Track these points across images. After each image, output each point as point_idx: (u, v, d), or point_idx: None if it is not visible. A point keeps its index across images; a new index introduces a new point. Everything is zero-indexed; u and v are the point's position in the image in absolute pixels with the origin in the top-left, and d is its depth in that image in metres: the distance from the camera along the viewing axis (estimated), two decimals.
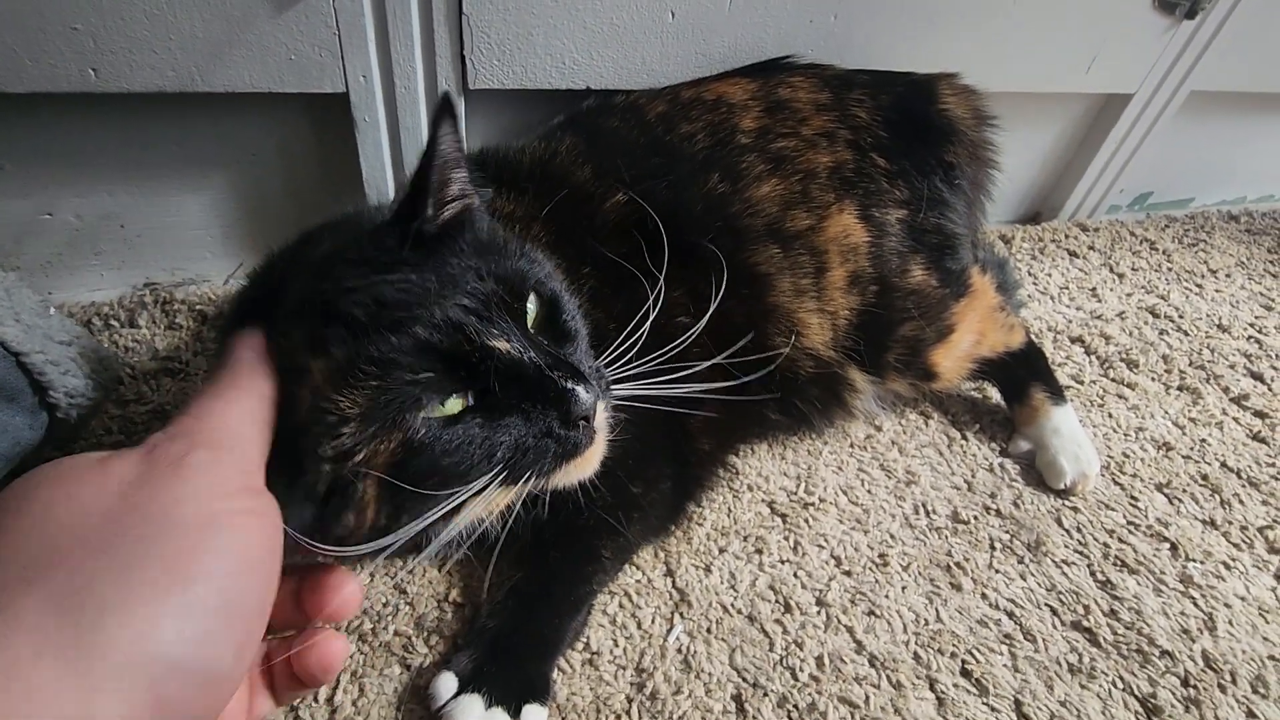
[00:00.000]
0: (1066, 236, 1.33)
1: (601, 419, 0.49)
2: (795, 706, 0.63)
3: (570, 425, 0.46)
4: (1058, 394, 0.89)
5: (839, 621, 0.70)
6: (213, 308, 0.91)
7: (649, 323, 0.58)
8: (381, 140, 0.88)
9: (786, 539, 0.77)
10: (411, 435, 0.42)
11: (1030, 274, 1.22)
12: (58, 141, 0.82)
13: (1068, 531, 0.81)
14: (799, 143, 0.80)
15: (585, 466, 0.50)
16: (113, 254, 0.93)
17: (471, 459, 0.44)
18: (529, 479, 0.46)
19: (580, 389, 0.45)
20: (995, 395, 0.96)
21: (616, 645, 0.66)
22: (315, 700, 0.59)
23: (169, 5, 0.72)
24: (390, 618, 0.65)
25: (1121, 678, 0.68)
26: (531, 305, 0.48)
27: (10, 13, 0.69)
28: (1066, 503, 0.85)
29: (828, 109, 0.83)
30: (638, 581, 0.71)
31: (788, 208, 0.77)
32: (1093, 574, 0.77)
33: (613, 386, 0.53)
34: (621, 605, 0.69)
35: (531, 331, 0.47)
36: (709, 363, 0.65)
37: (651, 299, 0.60)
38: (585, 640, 0.65)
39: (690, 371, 0.59)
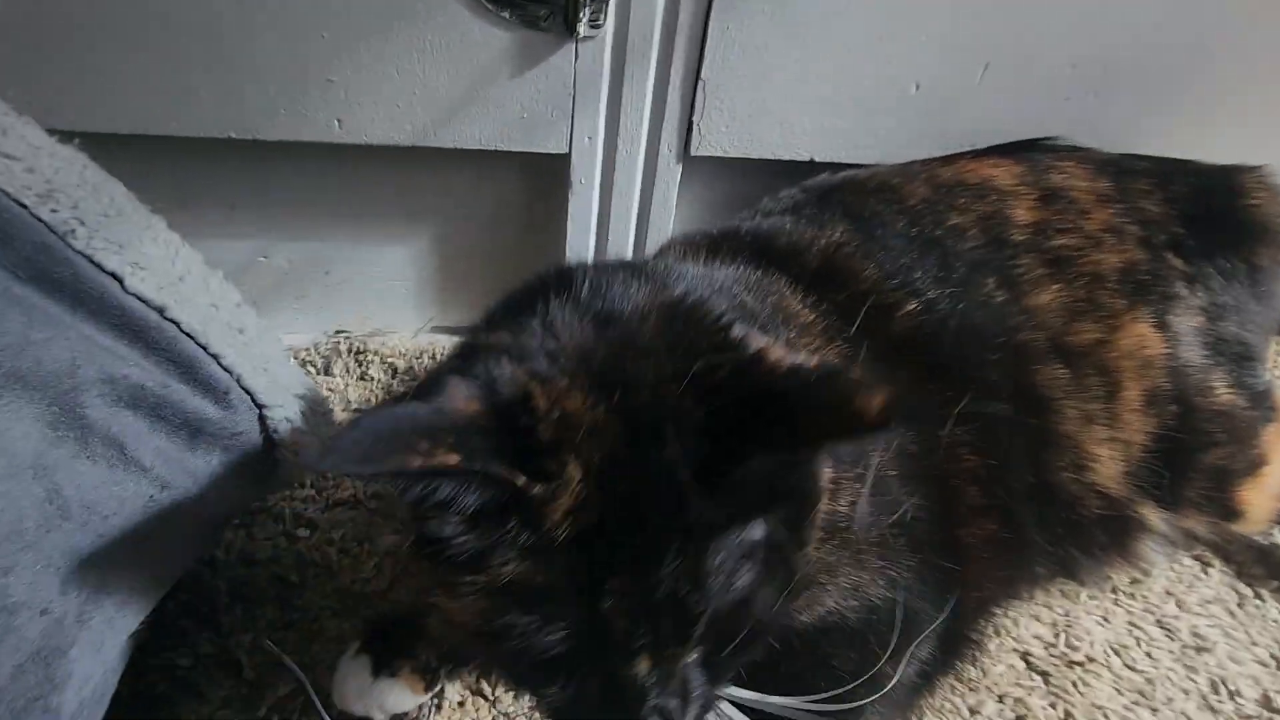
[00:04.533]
0: None
1: None
2: None
3: None
4: None
5: None
6: (403, 361, 0.89)
7: None
8: (592, 203, 0.85)
9: (1053, 707, 0.62)
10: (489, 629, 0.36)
11: None
12: (284, 187, 0.84)
13: None
14: (1082, 240, 0.69)
15: None
16: (313, 299, 0.93)
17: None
18: None
19: None
20: None
21: None
22: None
23: (420, 62, 0.72)
24: None
25: None
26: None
27: (275, 64, 0.70)
28: None
29: (1111, 200, 0.72)
30: None
31: (1072, 318, 0.66)
32: None
33: None
34: None
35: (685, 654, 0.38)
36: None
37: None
38: None
39: None
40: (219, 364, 0.44)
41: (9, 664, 0.33)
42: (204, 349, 0.43)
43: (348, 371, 0.87)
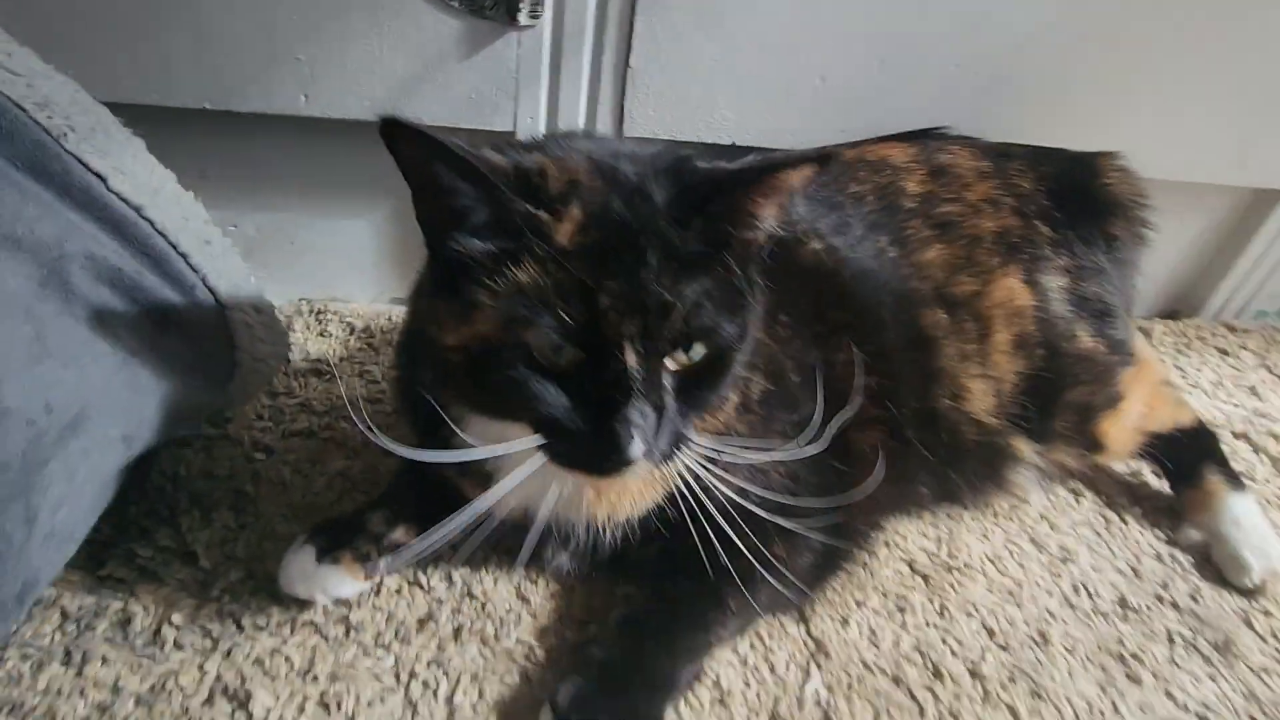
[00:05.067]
0: (1213, 334, 1.25)
1: (639, 469, 0.48)
2: None
3: (607, 454, 0.46)
4: (1234, 479, 0.81)
5: (998, 698, 0.62)
6: (360, 321, 0.96)
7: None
8: None
9: (931, 601, 0.70)
10: (505, 334, 0.45)
11: (1177, 367, 1.14)
12: (254, 160, 0.92)
13: (1262, 637, 0.71)
14: (964, 208, 0.80)
15: (605, 489, 0.53)
16: (279, 267, 1.00)
17: (522, 396, 0.46)
18: (553, 457, 0.48)
19: (639, 444, 0.45)
20: (1154, 481, 0.88)
21: (749, 687, 0.60)
22: (435, 697, 0.56)
23: (380, 43, 0.81)
24: (514, 625, 0.62)
25: None
26: (696, 354, 0.48)
27: (246, 40, 0.79)
28: (1256, 604, 0.74)
29: (990, 176, 0.83)
30: (768, 625, 0.65)
31: (954, 272, 0.76)
32: None
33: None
34: (753, 646, 0.63)
35: (669, 367, 0.48)
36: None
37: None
38: (715, 678, 0.60)
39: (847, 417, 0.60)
40: (187, 262, 0.51)
41: None
42: (174, 248, 0.50)
43: (308, 328, 0.94)
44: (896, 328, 0.72)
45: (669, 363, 0.48)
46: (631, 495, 0.59)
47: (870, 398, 0.68)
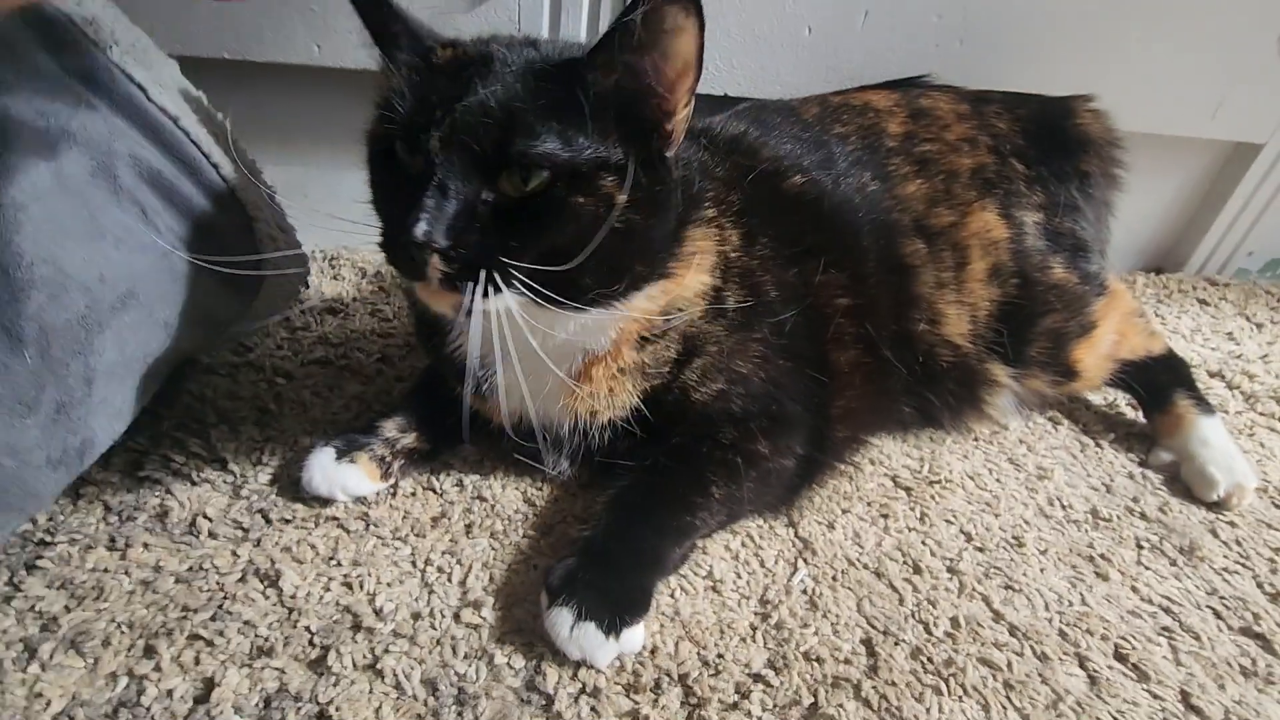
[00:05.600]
0: (1194, 287, 1.29)
1: (434, 273, 0.50)
2: (930, 659, 0.59)
3: (400, 238, 0.49)
4: (1204, 404, 0.85)
5: (974, 589, 0.66)
6: (371, 266, 1.00)
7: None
8: None
9: (912, 509, 0.74)
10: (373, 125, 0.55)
11: (1158, 315, 1.18)
12: (271, 112, 0.96)
13: (1226, 544, 0.75)
14: (942, 146, 0.84)
15: (430, 300, 0.55)
16: (293, 219, 1.04)
17: (371, 184, 0.57)
18: (383, 246, 0.54)
19: (424, 225, 0.47)
20: (1129, 412, 0.92)
21: (739, 578, 0.64)
22: (449, 580, 0.60)
23: None
24: (520, 523, 0.67)
25: None
26: (531, 180, 0.50)
27: None
28: (1221, 516, 0.78)
29: (968, 118, 0.87)
30: (759, 526, 0.70)
31: (932, 205, 0.81)
32: (1259, 585, 0.70)
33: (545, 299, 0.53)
34: (744, 544, 0.68)
35: (504, 188, 0.50)
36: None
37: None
38: (708, 569, 0.64)
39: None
40: (218, 173, 0.56)
41: (62, 318, 0.44)
42: (206, 158, 0.55)
43: (322, 273, 0.98)
44: (875, 255, 0.77)
45: (506, 187, 0.50)
46: (604, 394, 0.63)
47: (846, 316, 0.73)
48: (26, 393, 0.41)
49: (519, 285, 0.51)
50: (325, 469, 0.64)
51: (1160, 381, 0.86)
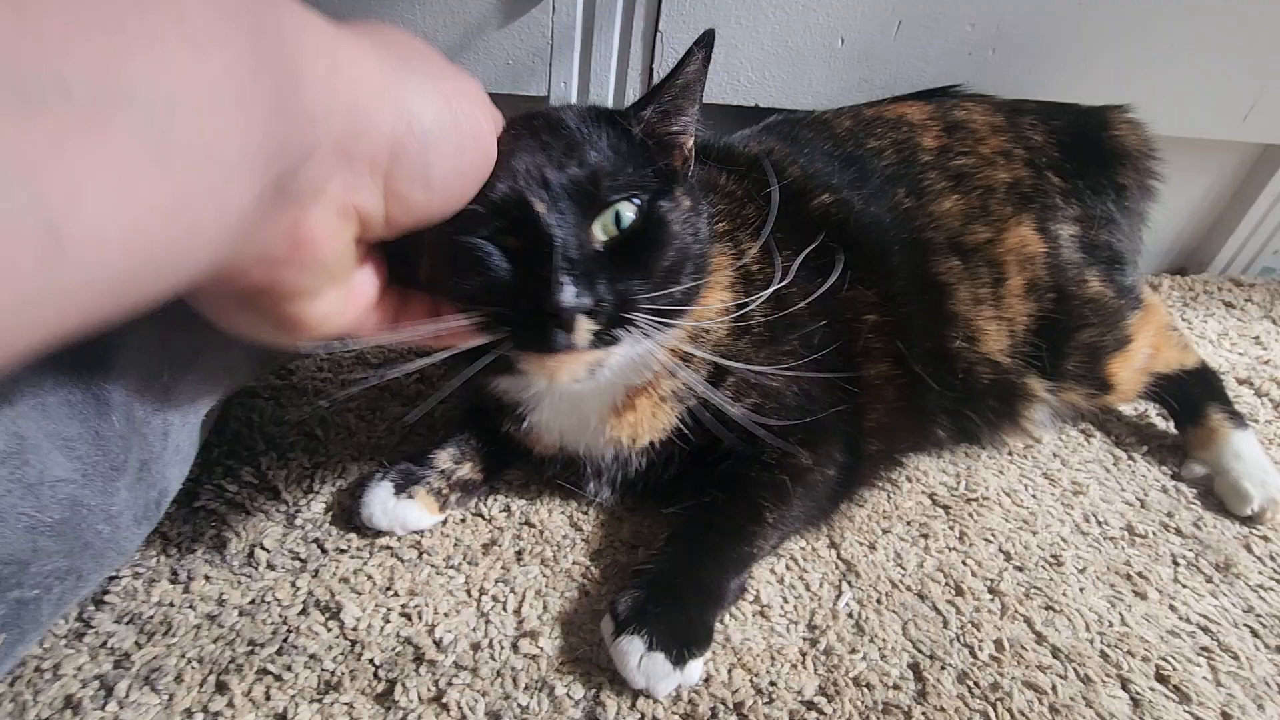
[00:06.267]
0: (1220, 289, 1.29)
1: (584, 336, 0.48)
2: (976, 684, 0.60)
3: (544, 314, 0.46)
4: (1237, 417, 0.85)
5: (1015, 610, 0.67)
6: None
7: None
8: None
9: (951, 528, 0.75)
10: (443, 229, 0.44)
11: (1184, 319, 1.18)
12: None
13: (1260, 559, 0.76)
14: (978, 160, 0.84)
15: (560, 373, 0.51)
16: None
17: (462, 281, 0.47)
18: (498, 340, 0.48)
19: (571, 288, 0.46)
20: (1160, 423, 0.93)
21: (786, 602, 0.66)
22: (504, 609, 0.61)
23: (420, 11, 0.85)
24: (569, 549, 0.68)
25: None
26: (625, 214, 0.50)
27: None
28: (1255, 530, 0.79)
29: (1003, 130, 0.87)
30: (802, 549, 0.71)
31: (968, 221, 0.81)
32: None
33: (656, 329, 0.52)
34: (789, 567, 0.69)
35: (597, 234, 0.49)
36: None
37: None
38: (755, 594, 0.66)
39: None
40: None
41: (144, 377, 0.44)
42: None
43: None
44: (907, 272, 0.77)
45: (598, 233, 0.50)
46: (647, 419, 0.64)
47: (876, 332, 0.73)
48: (117, 457, 0.41)
49: (649, 322, 0.51)
50: (385, 505, 0.65)
51: (1193, 395, 0.87)
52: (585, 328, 0.48)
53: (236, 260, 0.33)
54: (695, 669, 0.56)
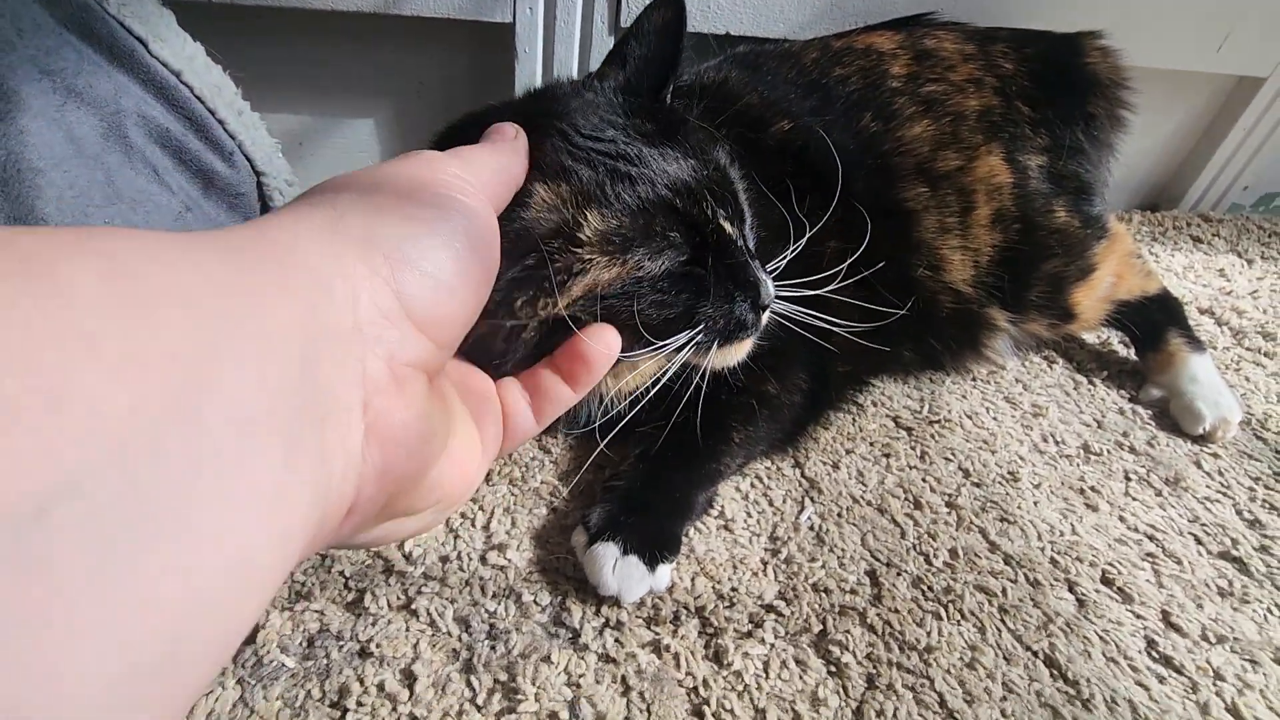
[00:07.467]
0: (1189, 225, 1.30)
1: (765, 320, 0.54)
2: (930, 588, 0.63)
3: (756, 310, 0.52)
4: (1195, 342, 0.87)
5: (971, 523, 0.69)
6: None
7: (803, 240, 0.63)
8: (536, 73, 0.96)
9: (913, 448, 0.77)
10: (632, 277, 0.45)
11: (1151, 253, 1.20)
12: (264, 60, 0.93)
13: (1209, 474, 0.79)
14: (948, 87, 0.83)
15: (740, 351, 0.55)
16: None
17: (676, 316, 0.49)
18: (711, 348, 0.51)
19: (767, 281, 0.52)
20: (1121, 350, 0.95)
21: (750, 517, 0.67)
22: (472, 525, 0.63)
23: None
24: (538, 469, 0.69)
25: (1278, 604, 0.65)
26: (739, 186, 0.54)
27: None
28: (1206, 448, 0.82)
29: (973, 58, 0.86)
30: (767, 468, 0.72)
31: (938, 148, 0.80)
32: (1239, 513, 0.74)
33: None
34: (753, 485, 0.70)
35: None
36: (839, 278, 0.67)
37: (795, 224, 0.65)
38: (720, 509, 0.67)
39: (831, 287, 0.64)
40: (224, 128, 0.55)
41: None
42: (212, 113, 0.54)
43: None
44: (871, 200, 0.76)
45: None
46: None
47: (839, 259, 0.73)
48: None
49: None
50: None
51: (1154, 321, 0.88)
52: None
53: (332, 524, 0.27)
54: (665, 574, 0.58)
